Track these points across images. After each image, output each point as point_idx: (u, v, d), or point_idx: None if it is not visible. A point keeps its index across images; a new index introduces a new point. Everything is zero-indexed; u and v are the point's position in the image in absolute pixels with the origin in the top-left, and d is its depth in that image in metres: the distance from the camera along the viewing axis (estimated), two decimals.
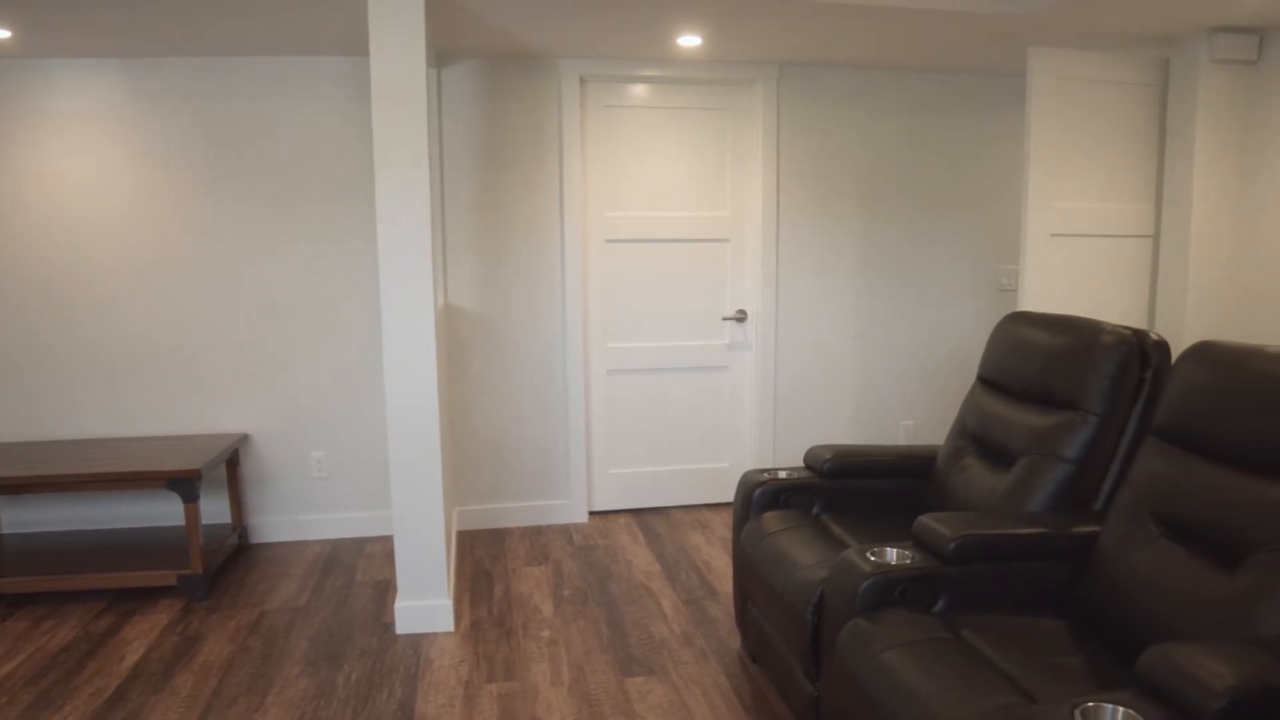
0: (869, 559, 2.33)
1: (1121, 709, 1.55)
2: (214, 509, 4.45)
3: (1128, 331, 2.66)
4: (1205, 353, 2.24)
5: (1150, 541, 2.18)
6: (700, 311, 4.95)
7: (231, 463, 4.35)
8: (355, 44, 4.02)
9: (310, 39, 3.93)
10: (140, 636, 3.45)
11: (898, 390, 5.24)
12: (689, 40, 4.12)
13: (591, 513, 4.93)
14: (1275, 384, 1.99)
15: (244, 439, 4.42)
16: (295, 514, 4.56)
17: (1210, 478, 2.08)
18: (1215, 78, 3.95)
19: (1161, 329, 4.14)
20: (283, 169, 4.32)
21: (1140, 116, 4.13)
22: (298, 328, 4.43)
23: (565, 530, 4.68)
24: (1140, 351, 2.64)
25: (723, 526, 4.72)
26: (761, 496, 3.15)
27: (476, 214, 4.54)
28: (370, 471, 4.58)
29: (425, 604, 3.47)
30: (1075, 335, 2.79)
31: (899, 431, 5.25)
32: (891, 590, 2.26)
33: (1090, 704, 1.57)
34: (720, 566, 4.15)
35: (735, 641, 3.39)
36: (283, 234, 4.36)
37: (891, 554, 2.35)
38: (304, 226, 4.38)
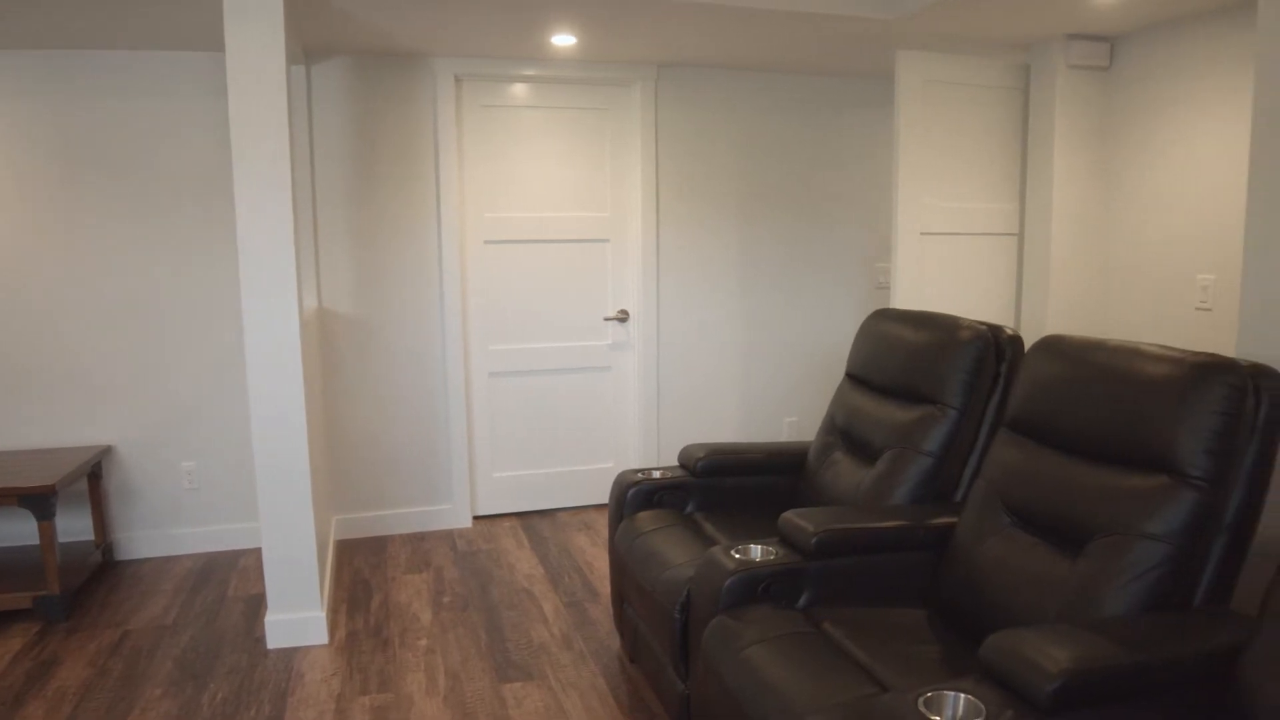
0: (733, 556, 2.34)
1: (963, 696, 1.58)
2: (76, 526, 4.25)
3: (984, 327, 2.73)
4: (1051, 346, 2.31)
5: (1000, 530, 2.25)
6: (582, 312, 4.93)
7: (94, 476, 4.15)
8: (219, 38, 3.88)
9: (171, 33, 3.78)
10: None
11: (780, 387, 5.31)
12: (563, 40, 4.10)
13: (476, 517, 4.86)
14: (1114, 375, 2.06)
15: (107, 451, 4.23)
16: (165, 528, 4.38)
17: (1055, 467, 2.15)
18: (1071, 82, 4.10)
19: (1026, 324, 4.28)
20: (144, 169, 4.15)
21: (1004, 119, 4.27)
22: (164, 334, 4.26)
23: (448, 536, 4.61)
24: (996, 346, 2.72)
25: (607, 527, 4.70)
26: (635, 496, 3.15)
27: (351, 216, 4.43)
28: (245, 482, 4.43)
29: (297, 617, 3.37)
30: (935, 331, 2.86)
31: (782, 428, 5.32)
32: (755, 587, 2.28)
33: (931, 693, 1.60)
34: (603, 568, 4.14)
35: (615, 643, 3.38)
36: (144, 237, 4.18)
37: (756, 551, 2.36)
38: (167, 229, 4.21)
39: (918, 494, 2.69)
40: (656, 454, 5.09)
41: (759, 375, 5.25)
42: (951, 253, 4.23)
